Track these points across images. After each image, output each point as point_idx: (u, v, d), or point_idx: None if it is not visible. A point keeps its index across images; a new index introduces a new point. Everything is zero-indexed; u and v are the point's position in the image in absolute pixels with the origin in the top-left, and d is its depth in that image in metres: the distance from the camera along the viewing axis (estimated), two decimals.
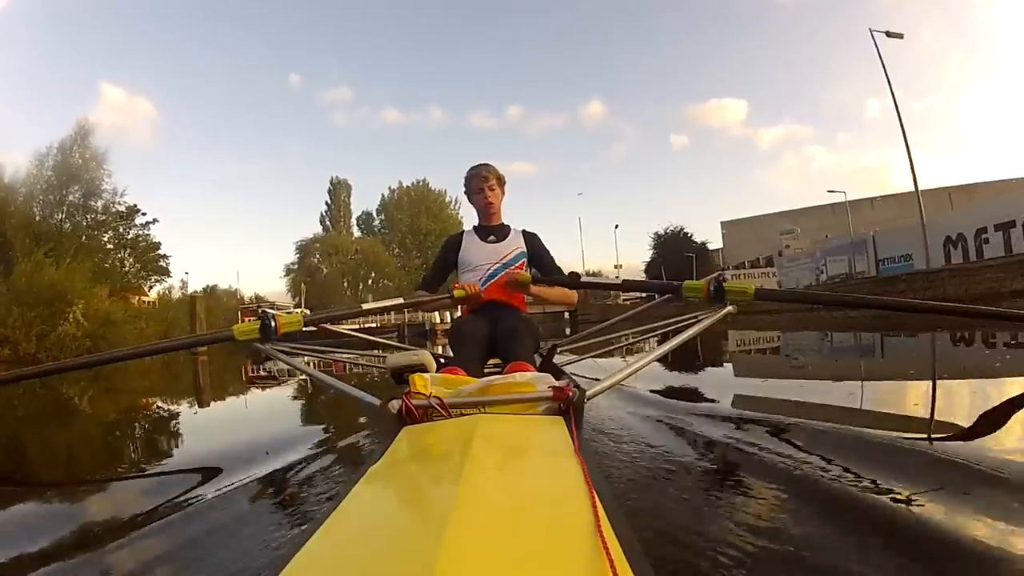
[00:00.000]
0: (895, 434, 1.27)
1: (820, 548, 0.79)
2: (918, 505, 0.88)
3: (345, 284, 42.84)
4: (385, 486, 0.63)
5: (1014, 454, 1.08)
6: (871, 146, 57.84)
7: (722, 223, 34.97)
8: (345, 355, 3.12)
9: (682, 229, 33.90)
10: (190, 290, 28.27)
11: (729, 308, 1.46)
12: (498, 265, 2.02)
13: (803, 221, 27.70)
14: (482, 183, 2.05)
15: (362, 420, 1.96)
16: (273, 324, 1.52)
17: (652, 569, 0.45)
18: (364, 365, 3.97)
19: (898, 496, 0.92)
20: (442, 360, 1.69)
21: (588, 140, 60.80)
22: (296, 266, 43.39)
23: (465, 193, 2.13)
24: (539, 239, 2.15)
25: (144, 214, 27.66)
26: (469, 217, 2.20)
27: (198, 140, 59.74)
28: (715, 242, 34.49)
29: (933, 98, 57.87)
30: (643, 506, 1.01)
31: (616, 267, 31.82)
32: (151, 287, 29.00)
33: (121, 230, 26.87)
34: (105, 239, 25.76)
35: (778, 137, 59.85)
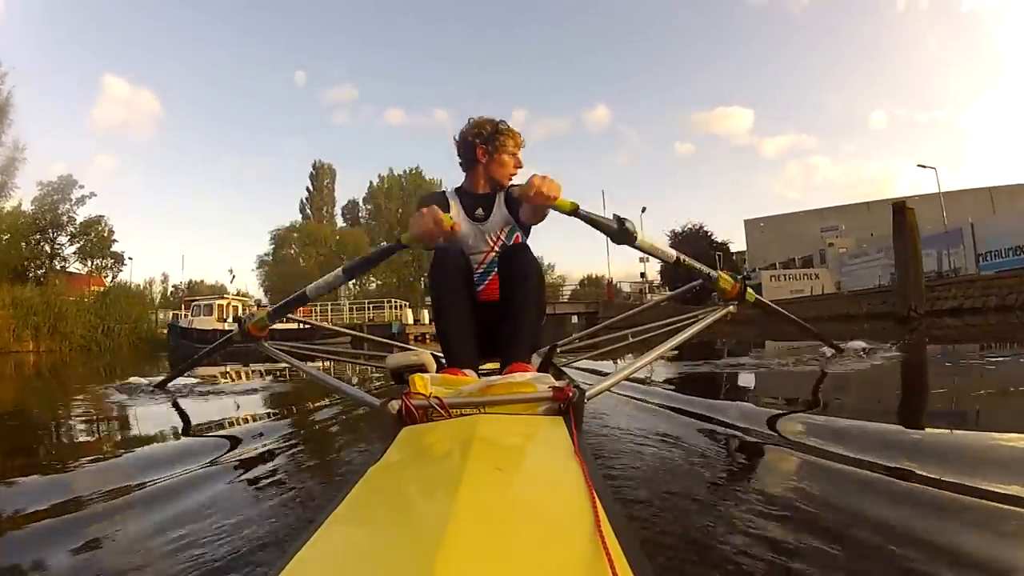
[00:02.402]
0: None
1: None
2: None
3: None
4: (385, 487, 0.63)
5: None
6: (875, 157, 57.68)
7: (745, 221, 31.69)
8: (345, 355, 3.12)
9: (701, 227, 29.80)
10: (172, 283, 26.27)
11: (730, 308, 1.47)
12: (492, 256, 1.67)
13: (834, 220, 25.53)
14: (515, 148, 1.67)
15: None
16: (247, 324, 1.64)
17: (652, 569, 0.45)
18: (363, 365, 3.97)
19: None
20: (442, 360, 1.69)
21: (593, 145, 60.42)
22: (270, 257, 38.67)
23: (479, 143, 1.65)
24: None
25: (82, 186, 24.07)
26: None
27: (200, 136, 58.44)
28: (736, 243, 31.03)
29: (940, 111, 57.82)
30: None
31: (641, 260, 29.10)
32: (108, 276, 25.68)
33: (53, 203, 23.04)
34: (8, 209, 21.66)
35: (783, 146, 59.64)
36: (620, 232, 1.26)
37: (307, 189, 42.93)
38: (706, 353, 4.10)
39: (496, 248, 1.67)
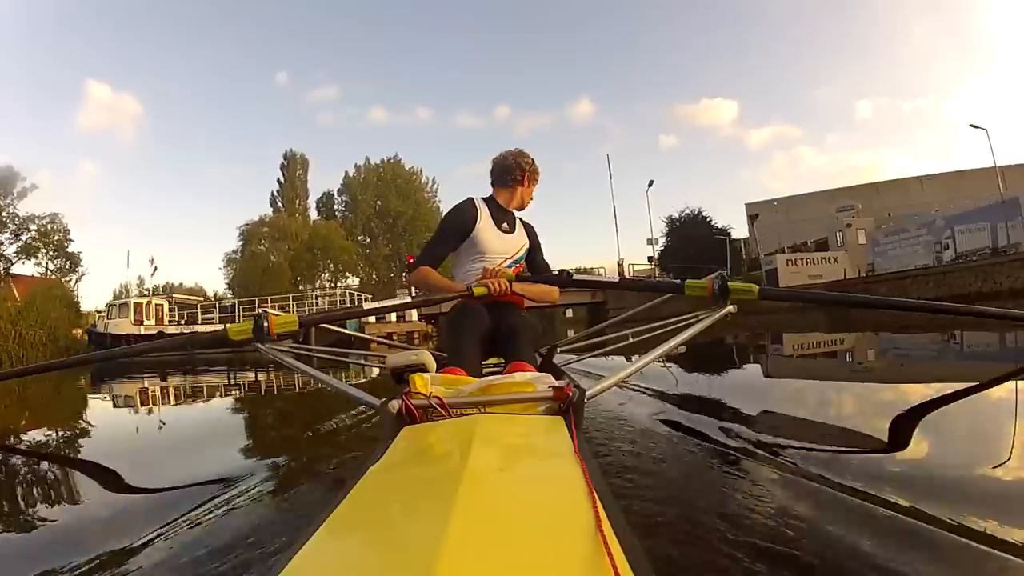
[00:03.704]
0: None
1: None
2: None
3: (298, 277, 34.65)
4: (385, 486, 0.63)
5: None
6: (860, 146, 57.55)
7: (747, 205, 28.72)
8: (344, 355, 3.11)
9: (700, 212, 27.36)
10: (148, 285, 22.20)
11: (730, 308, 1.46)
12: (510, 261, 1.87)
13: (843, 201, 23.25)
14: (537, 179, 1.96)
15: None
16: (266, 324, 1.51)
17: (652, 568, 0.45)
18: (363, 365, 3.97)
19: None
20: (443, 360, 1.69)
21: (578, 139, 60.06)
22: (238, 254, 35.03)
23: (512, 168, 1.90)
24: (535, 232, 2.05)
25: (24, 178, 22.39)
26: (448, 202, 1.84)
27: (181, 139, 57.62)
28: (737, 228, 28.24)
29: (925, 99, 57.91)
30: None
31: (650, 242, 26.04)
32: (70, 279, 23.59)
33: None
34: None
35: (768, 137, 59.57)
36: (561, 279, 1.54)
37: (278, 181, 39.27)
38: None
39: (511, 258, 1.87)
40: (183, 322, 19.07)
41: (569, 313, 28.81)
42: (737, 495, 1.03)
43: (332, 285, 35.45)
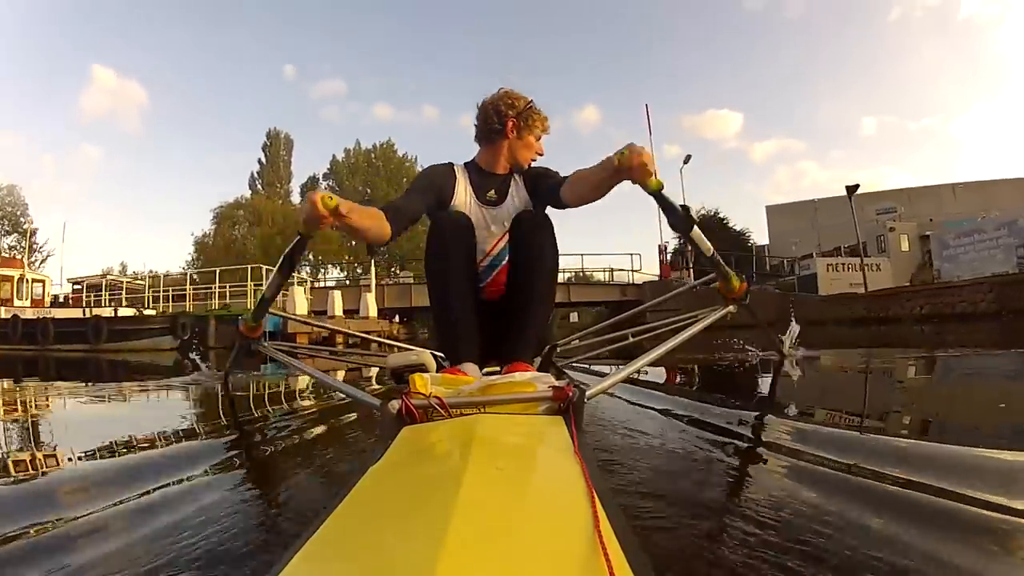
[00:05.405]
0: None
1: None
2: None
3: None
4: (385, 486, 0.63)
5: None
6: (864, 163, 56.49)
7: (767, 208, 26.67)
8: (345, 354, 3.12)
9: (717, 212, 25.25)
10: (129, 271, 19.64)
11: (730, 308, 1.46)
12: (501, 247, 1.49)
13: (874, 206, 21.30)
14: (542, 132, 1.55)
15: None
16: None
17: (651, 568, 0.45)
18: (363, 365, 3.97)
19: None
20: (444, 362, 1.69)
21: (586, 146, 59.65)
22: (211, 238, 31.10)
23: (512, 115, 1.48)
24: (544, 172, 1.55)
25: None
26: None
27: (185, 128, 56.40)
28: (756, 232, 26.49)
29: (931, 119, 57.57)
30: None
31: (676, 236, 24.72)
32: (34, 262, 20.54)
33: None
34: None
35: (772, 150, 58.99)
36: (685, 218, 1.14)
37: (259, 161, 34.95)
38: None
39: (501, 239, 1.51)
40: (49, 305, 14.55)
41: (574, 317, 26.91)
42: (739, 490, 1.03)
43: (313, 277, 30.44)
